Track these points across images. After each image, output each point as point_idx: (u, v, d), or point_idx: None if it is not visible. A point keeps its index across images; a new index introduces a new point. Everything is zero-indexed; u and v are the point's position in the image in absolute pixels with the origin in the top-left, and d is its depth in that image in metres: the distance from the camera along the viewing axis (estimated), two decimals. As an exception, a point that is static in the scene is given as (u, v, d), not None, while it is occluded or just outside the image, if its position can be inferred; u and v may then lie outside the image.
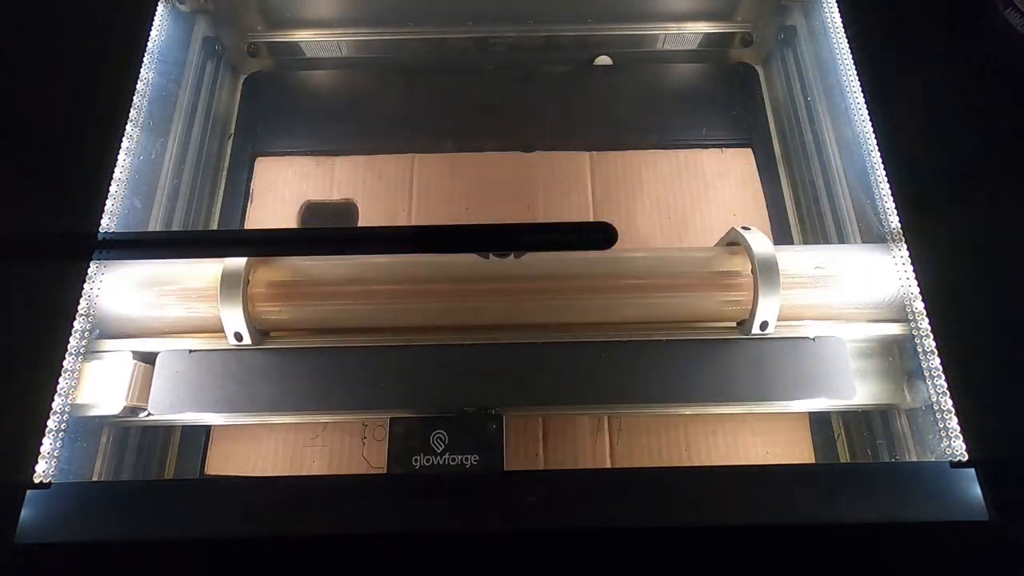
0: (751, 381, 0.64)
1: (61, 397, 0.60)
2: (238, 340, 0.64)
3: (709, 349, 0.65)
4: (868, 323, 0.67)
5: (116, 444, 0.71)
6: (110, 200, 0.68)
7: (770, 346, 0.65)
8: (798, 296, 0.65)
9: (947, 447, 0.60)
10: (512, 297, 0.65)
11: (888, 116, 0.72)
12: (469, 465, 0.60)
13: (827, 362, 0.64)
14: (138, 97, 0.74)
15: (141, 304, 0.65)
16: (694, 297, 0.65)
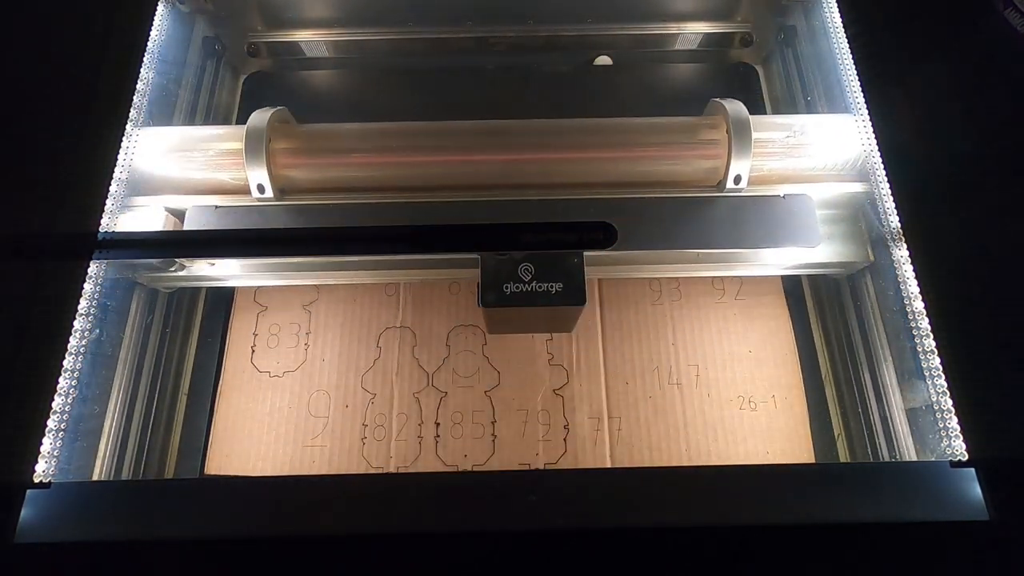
0: (726, 232, 0.70)
1: (61, 397, 0.60)
2: (260, 192, 0.70)
3: (688, 204, 0.71)
4: (833, 184, 0.73)
5: (116, 444, 0.71)
6: (110, 200, 0.68)
7: (743, 202, 0.71)
8: (770, 161, 0.72)
9: (947, 447, 0.60)
10: (507, 161, 0.72)
11: (888, 116, 0.72)
12: (554, 292, 0.63)
13: (795, 215, 0.70)
14: (138, 97, 0.74)
15: (172, 165, 0.72)
16: (676, 160, 0.72)
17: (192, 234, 0.71)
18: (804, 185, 0.73)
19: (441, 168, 0.72)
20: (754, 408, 0.81)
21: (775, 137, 0.72)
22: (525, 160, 0.72)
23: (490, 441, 0.80)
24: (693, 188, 0.73)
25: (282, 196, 0.72)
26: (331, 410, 0.81)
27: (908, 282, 0.65)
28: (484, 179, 0.73)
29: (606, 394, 0.82)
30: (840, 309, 0.82)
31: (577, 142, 0.72)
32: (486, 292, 0.63)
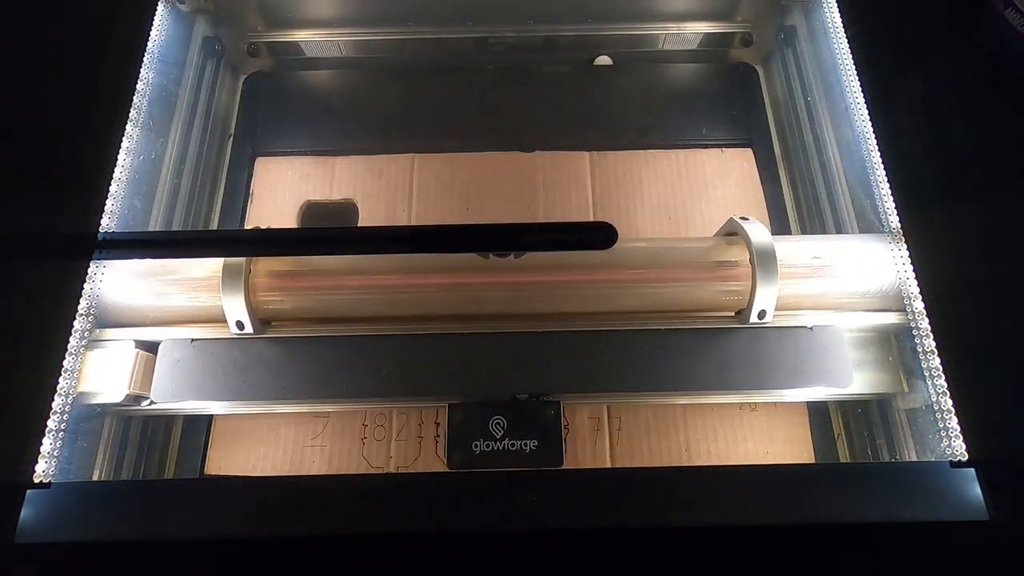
0: (749, 370, 0.64)
1: (61, 397, 0.60)
2: (240, 329, 0.64)
3: (707, 338, 0.66)
4: (865, 312, 0.67)
5: (116, 444, 0.71)
6: (110, 200, 0.68)
7: (768, 335, 0.66)
8: (796, 286, 0.66)
9: (947, 447, 0.60)
10: (512, 287, 0.66)
11: (888, 116, 0.72)
12: (529, 450, 0.60)
13: (824, 351, 0.65)
14: (138, 97, 0.74)
15: (143, 293, 0.66)
16: (693, 287, 0.66)
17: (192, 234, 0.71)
18: (831, 313, 0.67)
19: (437, 293, 0.65)
20: (754, 408, 0.81)
21: (801, 263, 0.66)
22: (530, 283, 0.66)
23: (490, 441, 0.80)
24: (712, 316, 0.68)
25: (264, 328, 0.66)
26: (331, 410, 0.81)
27: (908, 282, 0.65)
28: (486, 307, 0.67)
29: (606, 394, 0.82)
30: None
31: (587, 275, 0.66)
32: (453, 451, 0.61)
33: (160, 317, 0.67)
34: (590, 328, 0.66)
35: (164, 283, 0.66)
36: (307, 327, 0.67)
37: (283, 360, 0.65)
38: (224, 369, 0.64)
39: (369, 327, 0.67)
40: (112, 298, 0.66)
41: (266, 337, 0.66)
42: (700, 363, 0.65)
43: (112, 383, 0.64)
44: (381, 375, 0.64)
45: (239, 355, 0.65)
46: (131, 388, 0.64)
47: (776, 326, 0.66)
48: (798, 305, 0.67)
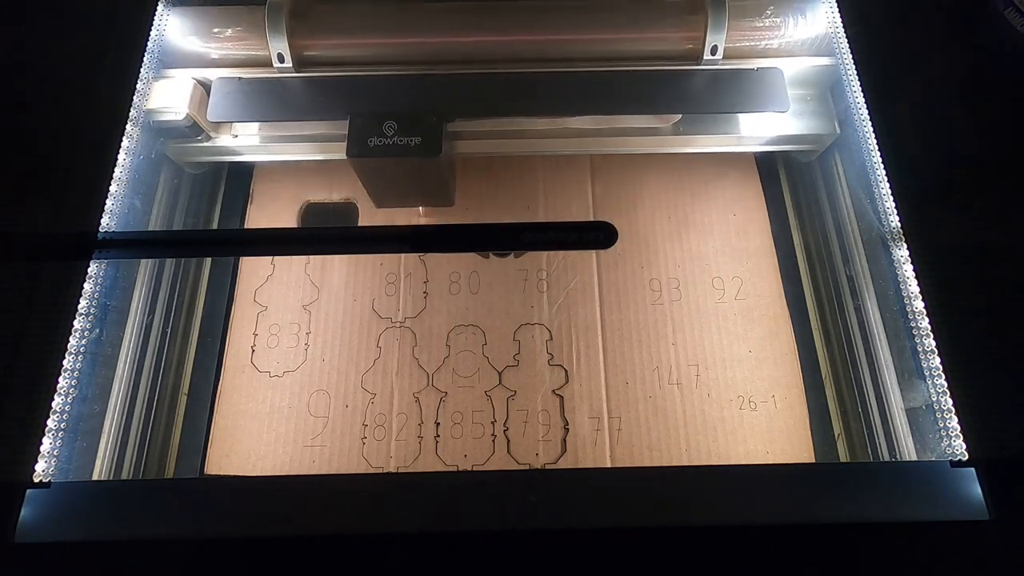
0: (703, 98, 0.77)
1: (61, 397, 0.60)
2: (280, 62, 0.76)
3: (669, 75, 0.78)
4: (802, 57, 0.80)
5: (116, 444, 0.71)
6: (110, 200, 0.68)
7: (719, 73, 0.77)
8: (745, 37, 0.79)
9: (947, 447, 0.60)
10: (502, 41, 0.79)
11: (888, 116, 0.72)
12: (413, 144, 0.72)
13: (767, 85, 0.77)
14: (138, 97, 0.74)
15: (199, 43, 0.80)
16: (658, 39, 0.78)
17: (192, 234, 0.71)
18: (775, 60, 0.80)
19: (442, 46, 0.79)
20: (754, 408, 0.81)
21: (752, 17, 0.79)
22: (518, 40, 0.79)
23: (490, 441, 0.80)
24: (674, 63, 0.79)
25: (300, 68, 0.78)
26: (331, 410, 0.81)
27: (908, 282, 0.65)
28: (483, 55, 0.79)
29: (606, 394, 0.82)
30: (840, 307, 0.82)
31: (567, 22, 0.79)
32: (351, 145, 0.71)
33: (213, 61, 0.81)
34: (569, 69, 0.78)
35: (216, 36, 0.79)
36: (335, 69, 0.79)
37: (314, 89, 0.77)
38: (267, 97, 0.77)
39: (388, 68, 0.79)
40: (173, 44, 0.79)
41: (301, 75, 0.78)
42: (661, 94, 0.77)
43: (175, 102, 0.77)
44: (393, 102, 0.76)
45: (279, 86, 0.78)
46: (190, 108, 0.77)
47: (726, 67, 0.78)
48: (749, 54, 0.80)
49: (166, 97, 0.77)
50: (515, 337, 0.85)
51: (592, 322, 0.86)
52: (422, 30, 0.79)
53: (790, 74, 0.79)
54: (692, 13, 0.77)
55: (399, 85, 0.77)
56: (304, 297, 0.87)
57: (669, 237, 0.91)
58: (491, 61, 0.79)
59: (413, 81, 0.78)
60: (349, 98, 0.77)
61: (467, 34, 0.79)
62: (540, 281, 0.88)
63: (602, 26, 0.78)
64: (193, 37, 0.79)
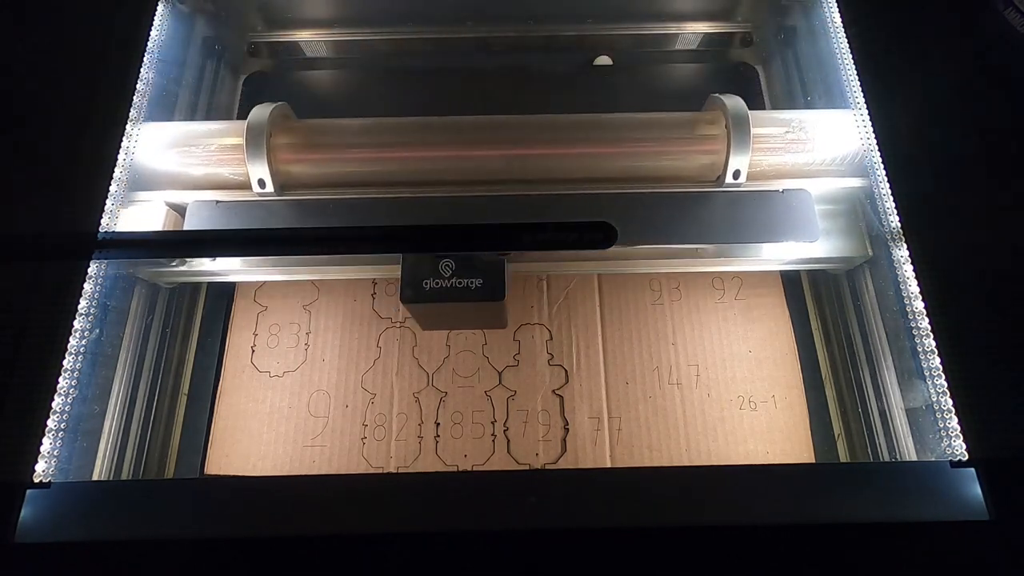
0: (724, 227, 0.71)
1: (61, 397, 0.60)
2: (261, 187, 0.71)
3: (687, 199, 0.72)
4: (832, 178, 0.74)
5: (116, 444, 0.71)
6: (110, 200, 0.68)
7: (741, 196, 0.72)
8: (769, 157, 0.73)
9: (947, 447, 0.60)
10: (507, 156, 0.73)
11: (888, 116, 0.72)
12: (474, 287, 0.66)
13: (794, 210, 0.71)
14: (138, 97, 0.74)
15: (174, 160, 0.73)
16: (675, 155, 0.73)
17: (191, 234, 0.71)
18: (802, 180, 0.74)
19: (442, 163, 0.73)
20: (754, 408, 0.81)
21: (774, 132, 0.73)
22: (525, 155, 0.73)
23: (490, 441, 0.80)
24: (692, 184, 0.74)
25: (283, 192, 0.73)
26: (331, 410, 0.81)
27: (908, 282, 0.65)
28: (485, 174, 0.73)
29: (606, 394, 0.82)
30: (840, 308, 0.82)
31: (576, 137, 0.73)
32: (405, 288, 0.66)
33: (188, 183, 0.74)
34: (580, 191, 0.73)
35: (190, 153, 0.73)
36: (323, 191, 0.74)
37: (301, 218, 0.72)
38: (246, 226, 0.71)
39: (380, 190, 0.74)
40: (145, 164, 0.73)
41: (285, 199, 0.72)
42: (678, 221, 0.71)
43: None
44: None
45: (261, 213, 0.72)
46: None
47: (749, 189, 0.72)
48: (770, 174, 0.74)
49: (136, 226, 0.72)
50: (515, 337, 0.85)
51: (592, 322, 0.86)
52: (419, 147, 0.73)
53: (819, 192, 0.73)
54: (709, 128, 0.72)
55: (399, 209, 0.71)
56: (304, 297, 0.87)
57: (669, 237, 0.91)
58: (497, 183, 0.73)
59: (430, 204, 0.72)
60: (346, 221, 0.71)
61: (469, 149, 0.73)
62: (540, 281, 0.88)
63: (615, 143, 0.73)
64: (166, 156, 0.73)
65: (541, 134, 0.74)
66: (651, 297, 0.87)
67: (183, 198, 0.73)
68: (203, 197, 0.73)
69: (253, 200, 0.72)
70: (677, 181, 0.74)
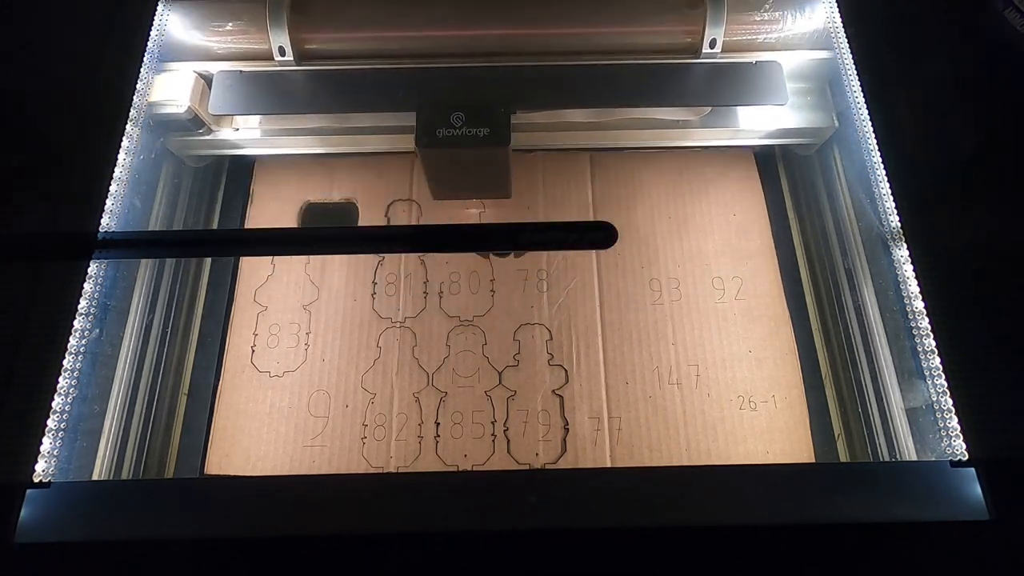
0: (703, 92, 0.78)
1: (61, 397, 0.60)
2: (281, 55, 0.76)
3: (669, 69, 0.78)
4: (801, 51, 0.80)
5: (116, 444, 0.71)
6: (110, 200, 0.68)
7: (718, 66, 0.78)
8: (744, 29, 0.79)
9: (947, 447, 0.60)
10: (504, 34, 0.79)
11: (888, 116, 0.72)
12: (482, 135, 0.72)
13: (766, 78, 0.77)
14: (138, 97, 0.74)
15: (202, 35, 0.79)
16: (657, 29, 0.79)
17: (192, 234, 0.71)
18: (773, 53, 0.80)
19: (445, 39, 0.79)
20: (754, 408, 0.81)
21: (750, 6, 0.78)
22: (520, 34, 0.79)
23: (490, 441, 0.80)
24: (674, 56, 0.80)
25: (301, 61, 0.78)
26: (331, 410, 0.81)
27: (908, 282, 0.65)
28: (484, 47, 0.79)
29: (606, 394, 0.82)
30: (840, 307, 0.82)
31: (568, 15, 0.79)
32: (421, 136, 0.71)
33: (215, 54, 0.80)
34: (571, 63, 0.78)
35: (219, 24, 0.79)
36: (337, 62, 0.79)
37: (317, 83, 0.77)
38: (269, 89, 0.77)
39: (389, 61, 0.79)
40: (175, 36, 0.79)
41: (303, 68, 0.78)
42: (660, 88, 0.78)
43: (177, 95, 0.77)
44: (398, 95, 0.76)
45: (281, 80, 0.78)
46: (192, 102, 0.77)
47: (725, 61, 0.78)
48: (746, 47, 0.81)
49: (168, 90, 0.77)
50: (515, 337, 0.85)
51: (592, 322, 0.86)
52: (426, 23, 0.78)
53: (789, 68, 0.79)
54: (691, 7, 0.77)
55: (407, 79, 0.77)
56: (304, 297, 0.87)
57: (669, 238, 0.91)
58: (494, 54, 0.79)
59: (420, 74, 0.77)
60: (354, 92, 0.77)
61: (472, 27, 0.79)
62: (540, 281, 0.88)
63: (600, 19, 0.79)
64: (194, 31, 0.79)
65: (534, 12, 0.79)
66: (651, 297, 0.87)
67: (210, 68, 0.79)
68: (228, 67, 0.79)
69: (274, 69, 0.78)
70: (661, 54, 0.80)
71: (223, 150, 0.88)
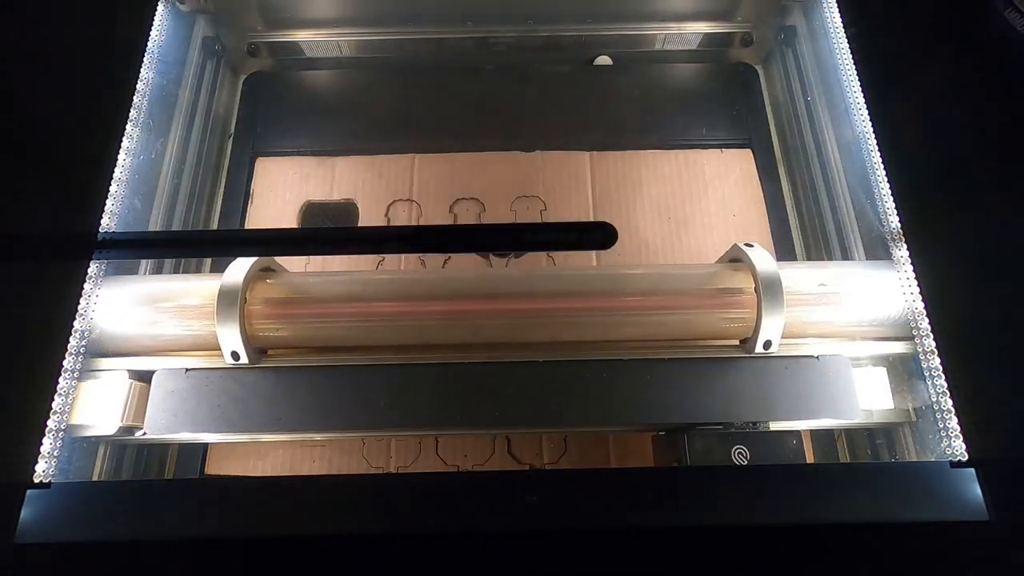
0: (754, 400, 0.62)
1: (61, 397, 0.60)
2: (235, 359, 0.62)
3: (712, 367, 0.63)
4: (872, 341, 0.65)
5: (116, 444, 0.71)
6: (110, 200, 0.68)
7: (773, 365, 0.63)
8: (801, 314, 0.64)
9: (947, 447, 0.60)
10: (511, 315, 0.63)
11: (888, 116, 0.72)
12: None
13: (831, 381, 0.63)
14: (138, 97, 0.74)
15: (137, 322, 0.64)
16: (696, 315, 0.63)
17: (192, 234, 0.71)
18: (837, 342, 0.65)
19: (435, 322, 0.63)
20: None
21: (807, 291, 0.64)
22: (526, 310, 0.63)
23: (490, 441, 0.80)
24: (716, 344, 0.65)
25: (259, 359, 0.63)
26: (331, 410, 0.81)
27: (908, 282, 0.65)
28: (484, 337, 0.64)
29: (606, 394, 0.81)
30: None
31: (587, 303, 0.63)
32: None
33: (154, 346, 0.65)
34: (591, 358, 0.64)
35: (158, 312, 0.64)
36: (303, 356, 0.65)
37: (279, 390, 0.62)
38: (219, 400, 0.62)
39: (366, 356, 0.64)
40: (106, 327, 0.64)
41: (262, 367, 0.63)
42: (705, 393, 0.62)
43: (105, 415, 0.62)
44: (379, 406, 0.62)
45: (234, 385, 0.62)
46: (124, 420, 0.62)
47: (782, 355, 0.63)
48: (803, 333, 0.65)
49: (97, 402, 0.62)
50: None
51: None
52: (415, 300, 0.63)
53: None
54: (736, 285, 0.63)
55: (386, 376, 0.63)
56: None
57: (668, 238, 0.91)
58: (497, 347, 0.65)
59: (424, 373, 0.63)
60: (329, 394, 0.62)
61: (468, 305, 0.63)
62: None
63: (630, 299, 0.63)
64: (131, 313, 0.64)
65: (545, 287, 0.64)
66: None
67: (150, 365, 0.64)
68: (172, 364, 0.64)
69: (227, 368, 0.63)
70: (697, 341, 0.65)
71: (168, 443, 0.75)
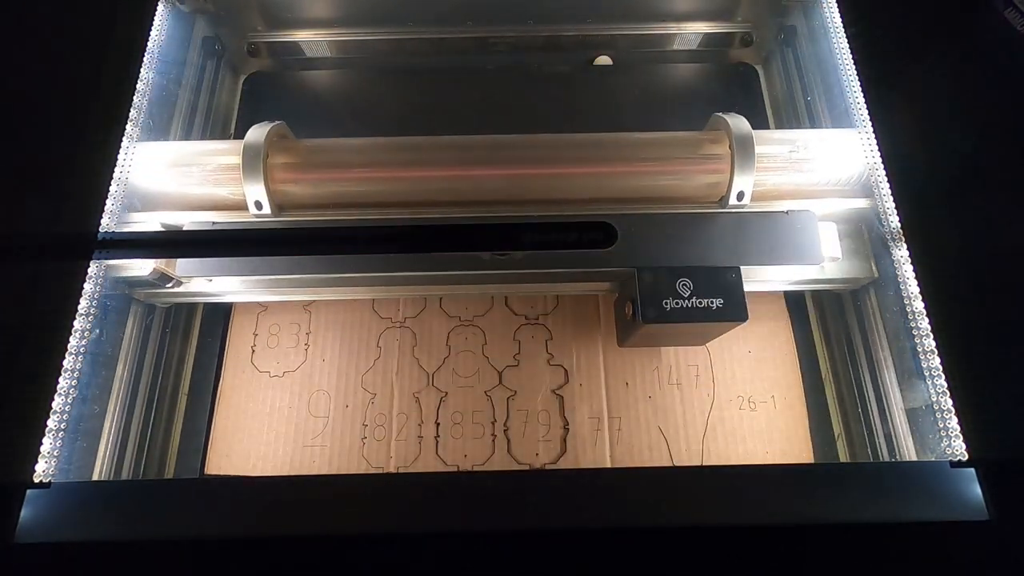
0: (728, 248, 0.69)
1: (61, 397, 0.60)
2: (258, 209, 0.69)
3: (691, 220, 0.71)
4: (837, 199, 0.72)
5: (116, 444, 0.71)
6: (110, 200, 0.68)
7: (746, 218, 0.71)
8: (773, 176, 0.72)
9: (947, 447, 0.60)
10: (507, 176, 0.71)
11: (888, 116, 0.72)
12: (715, 308, 0.66)
13: (798, 232, 0.70)
14: (138, 97, 0.74)
15: (170, 180, 0.72)
16: (678, 175, 0.71)
17: (192, 234, 0.71)
18: (807, 201, 0.72)
19: (441, 183, 0.71)
20: (754, 408, 0.81)
21: (778, 152, 0.71)
22: (525, 175, 0.71)
23: (490, 441, 0.80)
24: (695, 204, 0.72)
25: (280, 212, 0.71)
26: (331, 410, 0.81)
27: (908, 282, 0.65)
28: (485, 194, 0.71)
29: (606, 394, 0.82)
30: (840, 312, 0.82)
31: (578, 156, 0.71)
32: (647, 308, 0.65)
33: (185, 203, 0.72)
34: (580, 212, 0.71)
35: (187, 174, 0.71)
36: (319, 212, 0.71)
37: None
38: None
39: (379, 212, 0.71)
40: (141, 184, 0.71)
41: (282, 219, 0.70)
42: (682, 241, 0.69)
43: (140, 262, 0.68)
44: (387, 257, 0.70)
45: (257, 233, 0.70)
46: (157, 263, 0.69)
47: (754, 211, 0.71)
48: (774, 194, 0.73)
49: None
50: (515, 337, 0.85)
51: (592, 322, 0.86)
52: (418, 166, 0.70)
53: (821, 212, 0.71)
54: (713, 148, 0.70)
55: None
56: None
57: (669, 237, 0.91)
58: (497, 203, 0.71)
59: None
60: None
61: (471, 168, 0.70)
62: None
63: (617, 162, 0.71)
64: (162, 176, 0.71)
65: (540, 153, 0.71)
66: (651, 297, 0.87)
67: (179, 219, 0.71)
68: (200, 218, 0.71)
69: (250, 221, 0.71)
70: (680, 201, 0.72)
71: (196, 299, 0.80)
